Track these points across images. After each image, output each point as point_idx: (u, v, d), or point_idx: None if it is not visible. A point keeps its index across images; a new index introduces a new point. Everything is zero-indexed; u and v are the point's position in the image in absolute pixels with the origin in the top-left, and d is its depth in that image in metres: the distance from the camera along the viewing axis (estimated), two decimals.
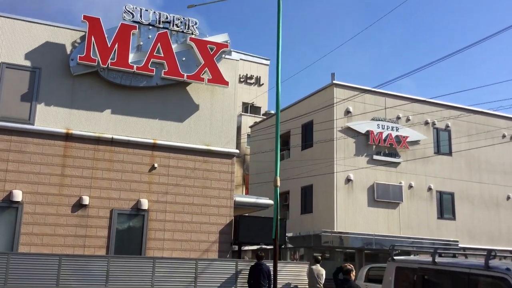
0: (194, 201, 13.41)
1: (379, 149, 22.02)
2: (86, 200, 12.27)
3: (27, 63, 12.48)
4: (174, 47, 13.59)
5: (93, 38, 12.67)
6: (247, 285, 11.72)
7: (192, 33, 13.92)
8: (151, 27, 13.50)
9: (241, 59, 33.63)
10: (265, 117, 30.20)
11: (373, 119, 22.09)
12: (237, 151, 14.47)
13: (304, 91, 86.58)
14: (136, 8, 13.39)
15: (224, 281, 11.96)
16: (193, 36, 13.90)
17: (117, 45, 12.90)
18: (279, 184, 9.90)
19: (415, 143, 22.80)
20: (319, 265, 12.31)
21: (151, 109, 13.47)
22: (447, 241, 21.35)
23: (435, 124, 23.50)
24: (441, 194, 23.04)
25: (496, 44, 79.13)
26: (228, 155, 14.09)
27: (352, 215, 20.94)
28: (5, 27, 12.48)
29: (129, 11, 13.30)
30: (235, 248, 14.51)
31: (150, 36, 13.42)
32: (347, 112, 21.77)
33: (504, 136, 24.89)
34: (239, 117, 33.08)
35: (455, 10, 79.64)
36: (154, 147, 13.30)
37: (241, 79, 35.65)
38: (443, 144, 23.58)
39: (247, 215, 16.39)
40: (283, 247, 15.91)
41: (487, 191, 24.16)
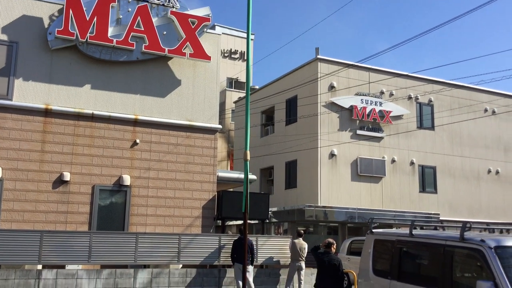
0: (177, 176, 13.38)
1: (363, 124, 22.11)
2: (67, 176, 12.17)
3: (4, 37, 12.18)
4: (154, 20, 13.35)
5: (71, 11, 12.36)
6: (231, 259, 11.81)
7: (172, 7, 13.66)
8: (130, 0, 13.21)
9: (225, 33, 33.27)
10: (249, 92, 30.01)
11: (357, 94, 22.12)
12: (220, 127, 14.41)
13: (289, 66, 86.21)
14: None
15: (207, 255, 12.05)
16: (174, 9, 13.65)
17: (96, 19, 12.62)
18: (249, 158, 10.06)
19: (398, 117, 22.93)
20: (301, 239, 12.43)
21: (132, 84, 13.29)
22: (428, 214, 21.70)
23: (418, 98, 23.61)
24: (423, 168, 23.31)
25: (479, 17, 79.27)
26: (210, 131, 14.03)
27: (335, 190, 21.12)
28: None
29: None
30: (219, 223, 14.57)
31: (129, 9, 13.15)
32: (331, 87, 21.74)
33: (486, 110, 25.13)
34: (223, 92, 32.87)
35: None
36: (135, 123, 13.17)
37: (225, 54, 35.30)
38: (425, 118, 23.76)
39: (231, 190, 16.44)
40: (267, 221, 16.02)
41: (469, 165, 24.50)
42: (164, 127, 13.45)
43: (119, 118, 12.97)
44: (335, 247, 9.16)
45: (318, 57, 21.85)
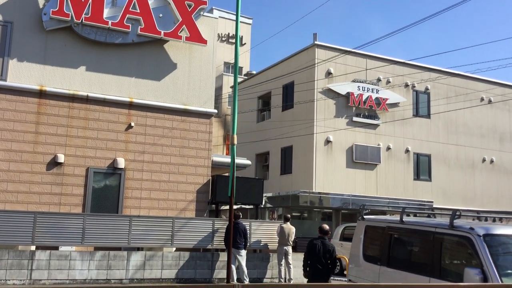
0: (171, 160, 13.38)
1: (359, 111, 22.11)
2: (61, 158, 12.14)
3: None
4: (150, 3, 13.22)
5: None
6: (224, 244, 11.87)
7: None
8: None
9: (223, 17, 33.00)
10: (246, 77, 29.93)
11: (353, 81, 22.08)
12: (215, 111, 14.37)
13: (288, 51, 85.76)
14: None
15: (201, 239, 12.10)
16: None
17: (91, 0, 12.50)
18: (236, 142, 10.17)
19: (395, 105, 22.93)
20: (289, 223, 12.48)
21: (127, 67, 13.21)
22: (422, 201, 21.82)
23: (414, 86, 23.59)
24: (418, 156, 23.38)
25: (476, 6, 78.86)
26: (206, 115, 13.99)
27: (330, 176, 21.19)
28: None
29: None
30: (213, 207, 14.61)
31: None
32: (328, 73, 21.68)
33: (482, 99, 25.15)
34: (220, 77, 32.74)
35: None
36: (130, 106, 13.12)
37: (223, 38, 35.08)
38: (422, 106, 23.78)
39: (226, 175, 16.45)
40: (261, 206, 16.08)
41: (464, 154, 24.58)
42: (159, 111, 13.41)
43: (114, 100, 12.91)
44: (328, 234, 9.19)
45: (315, 43, 21.76)
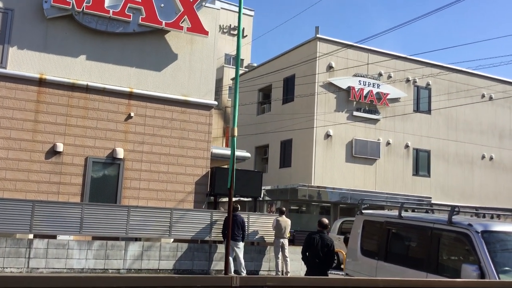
0: (170, 151, 13.36)
1: (360, 105, 22.06)
2: (60, 147, 12.12)
3: None
4: None
5: None
6: (222, 235, 11.88)
7: None
8: None
9: (224, 8, 32.82)
10: (247, 69, 29.84)
11: (355, 75, 22.01)
12: (215, 103, 14.33)
13: (290, 44, 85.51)
14: None
15: (199, 230, 12.11)
16: None
17: None
18: (236, 134, 10.20)
19: (395, 100, 22.88)
20: (284, 216, 12.49)
21: (128, 57, 13.15)
22: (420, 197, 21.83)
23: (416, 82, 23.52)
24: (417, 151, 23.36)
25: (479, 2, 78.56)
26: (206, 107, 13.95)
27: (329, 170, 21.18)
28: None
29: None
30: (212, 199, 14.61)
31: None
32: (330, 67, 21.61)
33: (483, 96, 25.08)
34: (221, 69, 32.63)
35: None
36: (130, 96, 13.08)
37: (225, 30, 34.93)
38: (422, 102, 23.72)
39: (225, 167, 16.44)
40: (259, 199, 16.08)
41: (463, 150, 24.56)
42: (159, 101, 13.37)
43: (114, 90, 12.87)
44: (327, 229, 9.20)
45: (317, 36, 21.67)
